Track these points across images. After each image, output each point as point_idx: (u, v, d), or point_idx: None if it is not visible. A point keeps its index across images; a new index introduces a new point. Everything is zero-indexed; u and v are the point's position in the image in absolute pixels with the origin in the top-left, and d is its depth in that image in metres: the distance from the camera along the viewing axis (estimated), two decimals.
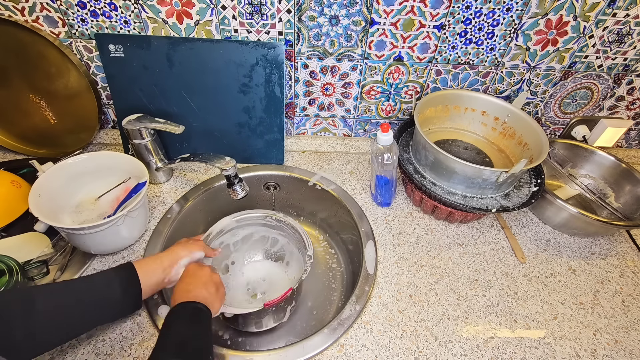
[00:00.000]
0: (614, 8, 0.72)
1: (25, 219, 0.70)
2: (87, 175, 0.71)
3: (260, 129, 0.84)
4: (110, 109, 0.87)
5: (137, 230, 0.69)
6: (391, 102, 0.88)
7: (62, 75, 0.77)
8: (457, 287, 0.68)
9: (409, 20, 0.73)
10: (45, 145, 0.87)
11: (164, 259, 0.56)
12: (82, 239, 0.61)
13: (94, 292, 0.49)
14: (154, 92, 0.78)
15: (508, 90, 0.87)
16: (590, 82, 0.85)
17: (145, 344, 0.56)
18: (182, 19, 0.72)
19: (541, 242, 0.78)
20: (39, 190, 0.63)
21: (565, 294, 0.69)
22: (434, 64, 0.81)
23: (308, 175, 0.86)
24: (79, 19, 0.72)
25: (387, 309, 0.63)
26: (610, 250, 0.77)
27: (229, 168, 0.69)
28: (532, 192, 0.74)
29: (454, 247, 0.75)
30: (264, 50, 0.74)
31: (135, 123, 0.72)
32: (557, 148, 0.92)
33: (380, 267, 0.70)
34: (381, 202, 0.81)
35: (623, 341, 0.63)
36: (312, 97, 0.87)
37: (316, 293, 0.82)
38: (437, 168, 0.72)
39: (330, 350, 0.57)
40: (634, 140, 1.01)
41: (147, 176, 0.68)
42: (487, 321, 0.63)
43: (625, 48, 0.79)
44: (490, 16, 0.73)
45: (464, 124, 0.88)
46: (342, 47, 0.77)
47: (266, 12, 0.71)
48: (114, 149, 0.89)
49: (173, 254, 0.57)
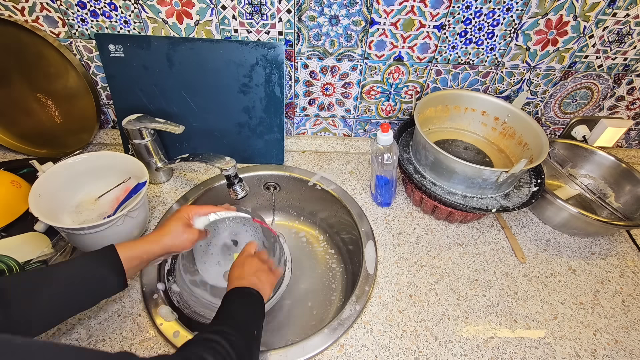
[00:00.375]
0: (614, 8, 0.72)
1: (25, 219, 0.70)
2: (87, 175, 0.71)
3: (260, 129, 0.84)
4: (110, 109, 0.87)
5: (137, 230, 0.69)
6: (391, 102, 0.88)
7: (61, 76, 0.77)
8: (457, 287, 0.68)
9: (409, 20, 0.73)
10: (46, 145, 0.87)
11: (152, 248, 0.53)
12: (82, 239, 0.61)
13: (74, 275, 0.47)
14: (154, 92, 0.78)
15: (508, 90, 0.87)
16: (590, 82, 0.85)
17: (145, 344, 0.56)
18: (182, 19, 0.72)
19: (541, 242, 0.78)
20: (39, 190, 0.63)
21: (565, 294, 0.69)
22: (434, 64, 0.81)
23: (308, 175, 0.86)
24: (79, 19, 0.72)
25: (387, 309, 0.63)
26: (610, 250, 0.77)
27: (229, 168, 0.69)
28: (532, 192, 0.74)
29: (454, 247, 0.75)
30: (264, 50, 0.74)
31: (135, 123, 0.72)
32: (557, 148, 0.92)
33: (380, 267, 0.70)
34: (381, 202, 0.81)
35: (623, 341, 0.63)
36: (312, 97, 0.87)
37: (316, 293, 0.82)
38: (437, 168, 0.72)
39: (330, 350, 0.58)
40: (634, 140, 1.01)
41: (147, 176, 0.67)
42: (487, 321, 0.63)
43: (625, 48, 0.79)
44: (490, 16, 0.73)
45: (464, 124, 0.88)
46: (342, 47, 0.77)
47: (266, 12, 0.71)
48: (114, 149, 0.89)
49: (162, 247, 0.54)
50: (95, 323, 0.58)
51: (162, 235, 0.54)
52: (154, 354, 0.55)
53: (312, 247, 0.92)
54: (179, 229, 0.55)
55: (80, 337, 0.56)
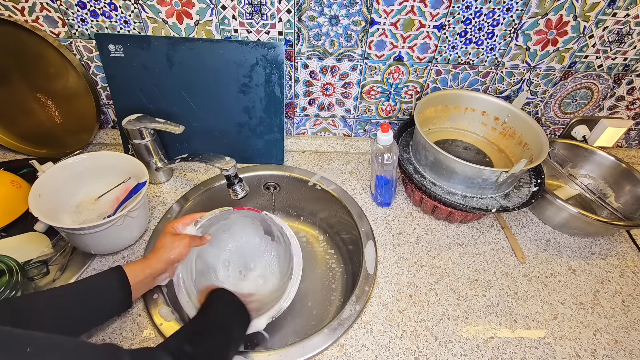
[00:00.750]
0: (614, 8, 0.72)
1: (25, 219, 0.70)
2: (87, 175, 0.71)
3: (260, 129, 0.84)
4: (110, 109, 0.87)
5: (137, 230, 0.69)
6: (391, 102, 0.88)
7: (61, 75, 0.77)
8: (457, 287, 0.68)
9: (409, 20, 0.73)
10: (45, 145, 0.87)
11: (152, 263, 0.56)
12: (82, 239, 0.61)
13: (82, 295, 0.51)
14: (154, 92, 0.78)
15: (508, 90, 0.87)
16: (590, 82, 0.85)
17: (145, 344, 0.56)
18: (182, 19, 0.72)
19: (541, 242, 0.78)
20: (39, 190, 0.63)
21: (565, 294, 0.69)
22: (434, 64, 0.81)
23: (308, 175, 0.86)
24: (79, 19, 0.72)
25: (387, 309, 0.63)
26: (610, 250, 0.77)
27: (229, 168, 0.69)
28: (532, 192, 0.74)
29: (454, 247, 0.75)
30: (264, 50, 0.74)
31: (135, 123, 0.72)
32: (557, 148, 0.92)
33: (380, 267, 0.70)
34: (381, 202, 0.81)
35: (623, 341, 0.63)
36: (312, 97, 0.87)
37: (316, 293, 0.82)
38: (437, 168, 0.72)
39: (330, 350, 0.57)
40: (634, 140, 1.01)
41: (147, 176, 0.67)
42: (487, 321, 0.63)
43: (625, 48, 0.79)
44: (490, 16, 0.73)
45: (464, 124, 0.88)
46: (342, 47, 0.77)
47: (266, 12, 0.71)
48: (114, 149, 0.89)
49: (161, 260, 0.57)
50: None
51: (157, 251, 0.57)
52: None
53: (312, 247, 0.92)
54: (169, 240, 0.58)
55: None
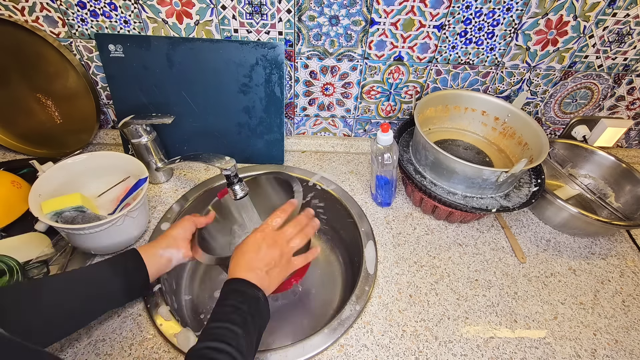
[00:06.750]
0: (614, 8, 0.72)
1: (26, 219, 0.70)
2: (87, 175, 0.71)
3: (260, 128, 0.84)
4: (110, 109, 0.87)
5: (137, 230, 0.69)
6: (391, 102, 0.88)
7: (61, 75, 0.77)
8: (457, 287, 0.68)
9: (409, 20, 0.73)
10: (45, 145, 0.87)
11: (158, 240, 0.58)
12: (82, 239, 0.61)
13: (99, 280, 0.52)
14: (154, 92, 0.78)
15: (508, 90, 0.87)
16: (590, 82, 0.85)
17: (145, 344, 0.56)
18: (182, 19, 0.72)
19: (541, 242, 0.78)
20: (39, 190, 0.63)
21: (566, 294, 0.69)
22: (434, 63, 0.81)
23: (308, 175, 0.86)
24: (79, 19, 0.72)
25: (387, 309, 0.63)
26: (611, 250, 0.77)
27: (229, 168, 0.69)
28: (532, 192, 0.74)
29: (454, 247, 0.75)
30: (264, 50, 0.74)
31: (129, 122, 0.72)
32: (557, 148, 0.92)
33: (380, 267, 0.70)
34: (381, 202, 0.81)
35: (623, 341, 0.63)
36: (312, 97, 0.87)
37: (316, 293, 0.82)
38: (437, 168, 0.72)
39: (330, 350, 0.57)
40: (634, 140, 1.01)
41: (147, 173, 0.67)
42: (487, 321, 0.63)
43: (625, 48, 0.79)
44: (490, 16, 0.73)
45: (464, 124, 0.88)
46: (342, 47, 0.77)
47: (266, 12, 0.71)
48: (114, 149, 0.89)
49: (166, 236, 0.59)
50: (95, 323, 0.58)
51: (165, 233, 0.59)
52: (154, 353, 0.55)
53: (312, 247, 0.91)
54: (174, 225, 0.60)
55: (80, 337, 0.56)
